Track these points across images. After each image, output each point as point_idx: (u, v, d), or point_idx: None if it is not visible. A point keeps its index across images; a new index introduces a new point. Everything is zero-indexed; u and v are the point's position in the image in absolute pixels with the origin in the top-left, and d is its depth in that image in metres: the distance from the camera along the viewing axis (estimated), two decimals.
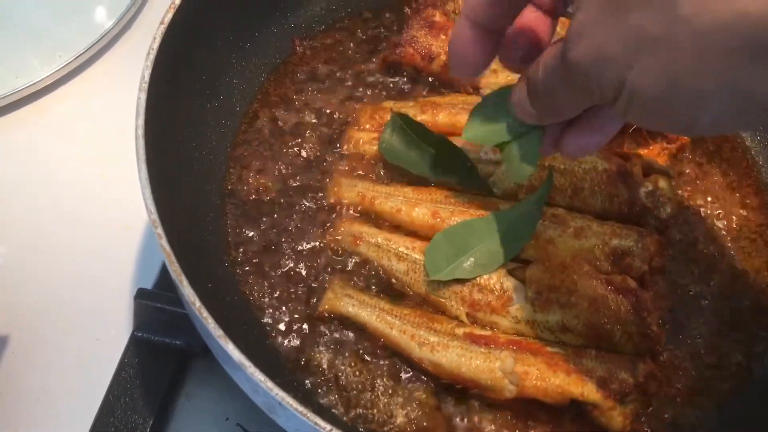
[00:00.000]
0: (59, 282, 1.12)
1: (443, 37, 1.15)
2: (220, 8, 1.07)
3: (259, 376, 0.71)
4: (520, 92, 0.68)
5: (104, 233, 1.15)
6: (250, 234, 1.02)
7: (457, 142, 1.04)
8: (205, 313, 0.72)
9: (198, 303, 0.73)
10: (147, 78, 0.88)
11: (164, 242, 0.76)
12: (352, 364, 0.93)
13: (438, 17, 1.18)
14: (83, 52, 1.32)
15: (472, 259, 0.94)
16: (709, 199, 1.10)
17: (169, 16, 0.93)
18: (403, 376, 0.93)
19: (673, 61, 0.50)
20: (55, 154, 1.26)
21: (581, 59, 0.55)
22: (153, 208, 0.78)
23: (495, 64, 1.09)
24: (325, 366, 0.93)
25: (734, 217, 1.10)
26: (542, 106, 0.66)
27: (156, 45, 0.90)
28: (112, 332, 1.06)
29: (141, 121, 0.84)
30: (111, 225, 1.16)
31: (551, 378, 0.87)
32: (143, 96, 0.86)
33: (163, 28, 0.92)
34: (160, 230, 0.77)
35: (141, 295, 0.98)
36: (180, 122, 0.99)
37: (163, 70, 0.92)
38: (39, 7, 1.38)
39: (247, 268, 0.99)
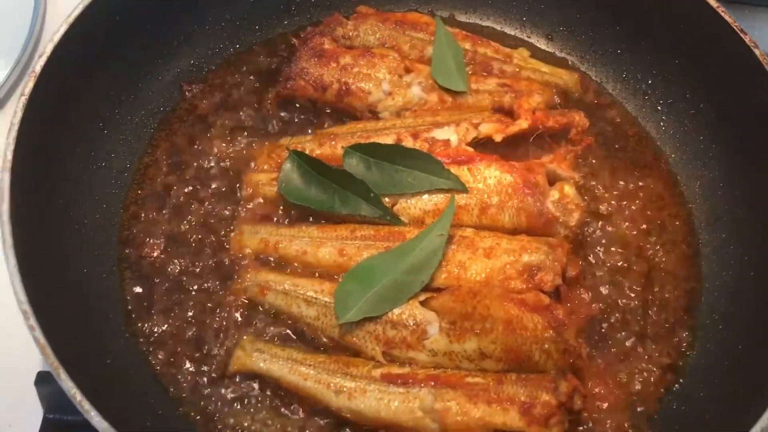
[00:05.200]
0: None
1: (334, 64, 1.11)
2: (92, 65, 1.02)
3: None
4: None
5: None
6: (151, 298, 0.97)
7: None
8: (95, 415, 0.68)
9: (80, 398, 0.68)
10: (10, 156, 0.82)
11: (38, 334, 0.71)
12: (269, 422, 0.89)
13: (327, 44, 1.14)
14: None
15: (378, 295, 0.91)
16: (620, 198, 1.09)
17: (30, 85, 0.88)
18: (325, 426, 0.90)
19: None
20: None
21: None
22: (23, 297, 0.73)
23: (390, 87, 1.11)
24: (242, 428, 0.89)
25: (647, 212, 1.08)
26: None
27: (17, 119, 0.85)
28: (22, 416, 1.00)
29: (6, 206, 0.78)
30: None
31: (472, 411, 0.84)
32: (7, 176, 0.81)
33: (24, 99, 0.86)
34: (32, 321, 0.72)
35: (41, 379, 0.93)
36: (61, 192, 0.94)
37: (32, 142, 0.87)
38: None
39: (149, 335, 0.94)
